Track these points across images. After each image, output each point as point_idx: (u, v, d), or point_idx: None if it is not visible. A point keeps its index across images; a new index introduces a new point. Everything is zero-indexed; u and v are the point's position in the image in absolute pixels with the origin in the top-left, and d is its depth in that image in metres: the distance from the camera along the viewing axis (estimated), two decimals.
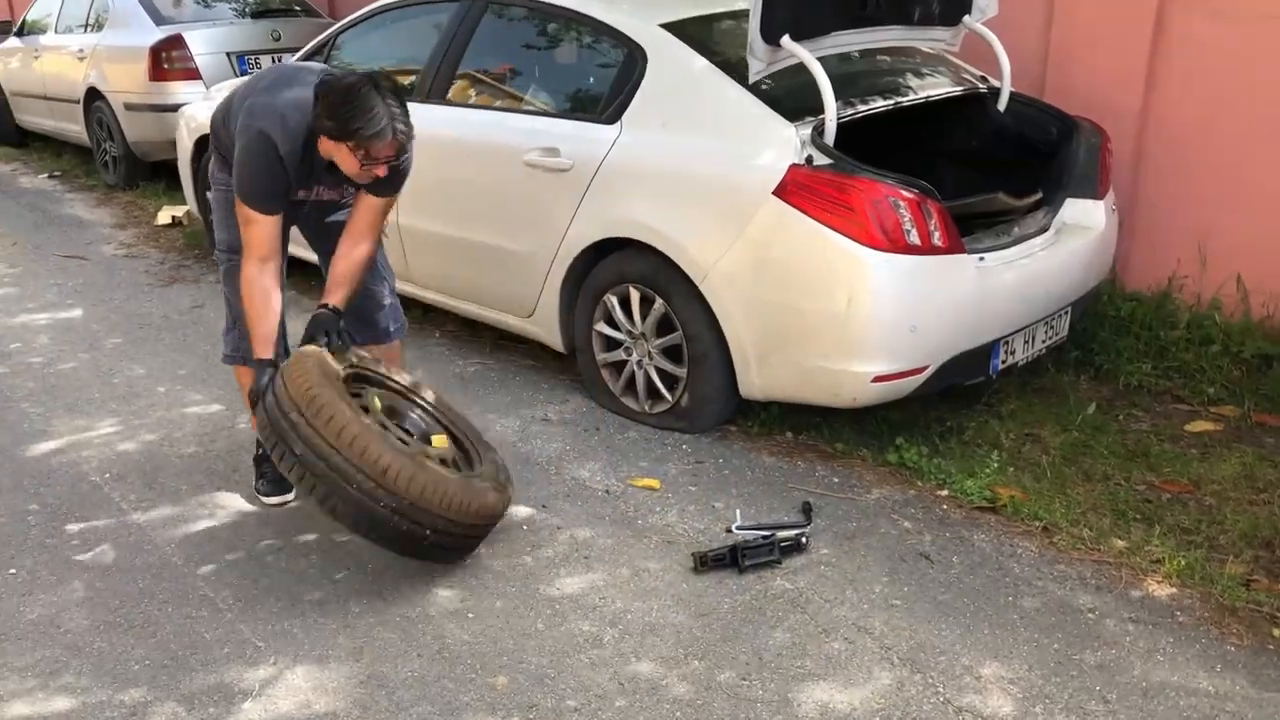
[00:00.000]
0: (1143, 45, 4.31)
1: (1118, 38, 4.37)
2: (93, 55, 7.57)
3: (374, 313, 3.24)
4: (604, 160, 3.62)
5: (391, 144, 2.66)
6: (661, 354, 3.65)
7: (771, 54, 3.37)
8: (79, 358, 4.43)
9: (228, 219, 3.03)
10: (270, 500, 3.24)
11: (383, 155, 2.68)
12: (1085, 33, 4.48)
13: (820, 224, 3.15)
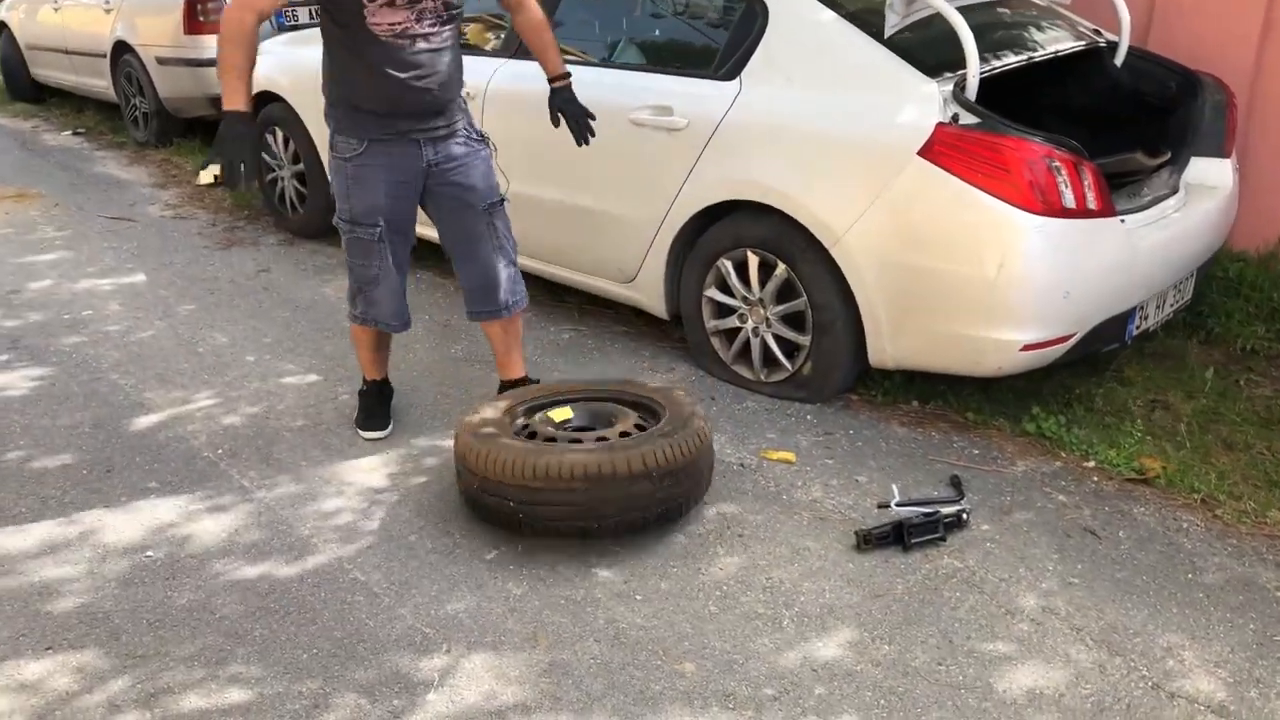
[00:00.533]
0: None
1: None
2: (121, 7, 7.30)
3: (492, 286, 3.19)
4: (723, 119, 3.47)
5: None
6: (781, 321, 3.52)
7: (908, 6, 3.23)
8: (155, 325, 4.28)
9: (347, 189, 3.02)
10: (369, 435, 3.35)
11: None
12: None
13: (971, 185, 3.02)
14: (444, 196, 3.08)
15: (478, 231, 3.12)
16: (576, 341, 4.10)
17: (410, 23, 2.84)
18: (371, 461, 3.21)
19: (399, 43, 2.85)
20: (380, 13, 2.80)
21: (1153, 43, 4.41)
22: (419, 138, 2.98)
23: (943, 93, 3.14)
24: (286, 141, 5.24)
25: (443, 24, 2.92)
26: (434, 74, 2.92)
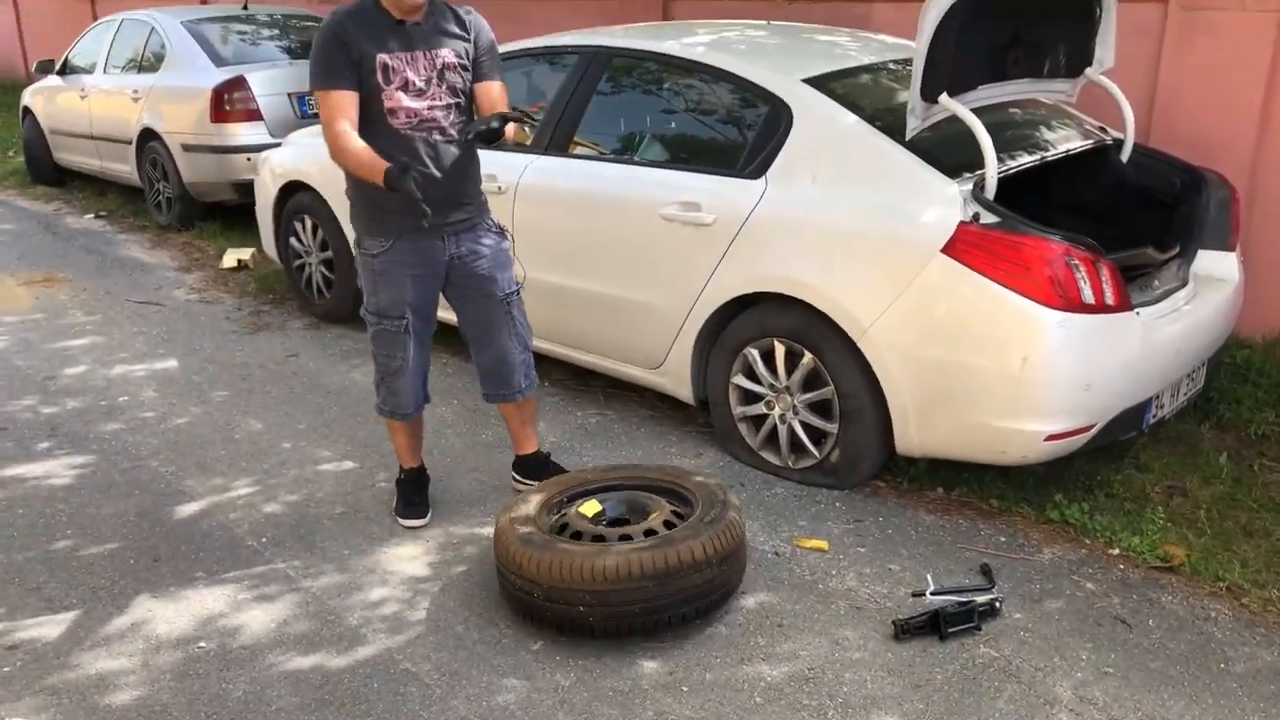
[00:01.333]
0: (1257, 88, 4.35)
1: (1229, 81, 4.42)
2: (149, 96, 7.52)
3: (508, 371, 3.38)
4: (750, 215, 3.62)
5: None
6: (808, 408, 3.63)
7: (928, 110, 3.39)
8: (191, 412, 4.37)
9: (374, 284, 3.19)
10: (408, 523, 3.42)
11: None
12: (1194, 77, 4.53)
13: (993, 282, 3.15)
14: (465, 287, 3.24)
15: (496, 320, 3.29)
16: (603, 426, 4.20)
17: (425, 113, 3.01)
18: (412, 550, 3.28)
19: (418, 135, 3.01)
20: (396, 98, 2.97)
21: (1155, 139, 4.60)
22: (442, 233, 3.12)
23: (963, 192, 3.29)
24: (315, 229, 5.38)
25: (456, 113, 3.08)
26: (453, 166, 3.08)
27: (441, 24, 3.07)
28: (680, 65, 4.03)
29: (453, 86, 3.06)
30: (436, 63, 3.02)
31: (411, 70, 2.98)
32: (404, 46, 2.99)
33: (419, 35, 3.01)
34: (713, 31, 4.40)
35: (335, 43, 2.92)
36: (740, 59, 3.90)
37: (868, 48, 4.26)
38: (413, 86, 2.99)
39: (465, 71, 3.08)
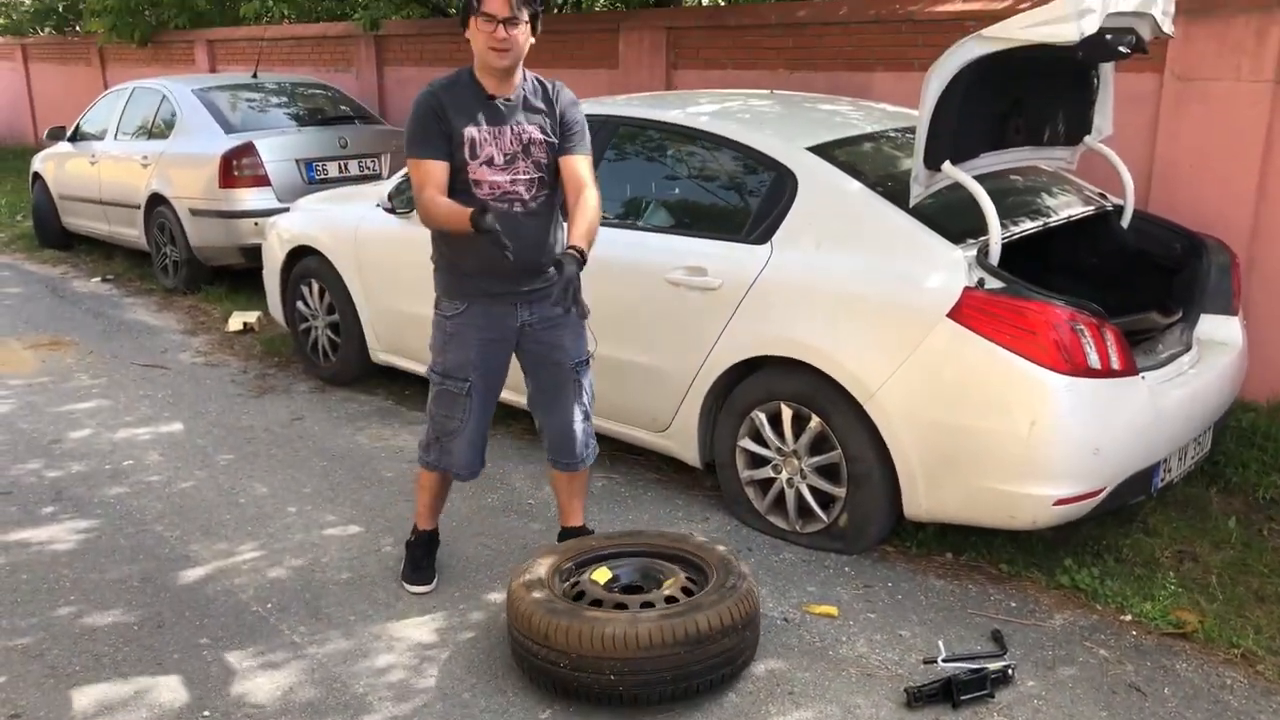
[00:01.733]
0: (1253, 157, 4.42)
1: (1226, 150, 4.49)
2: (158, 161, 7.62)
3: (571, 440, 3.37)
4: (756, 279, 3.65)
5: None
6: (815, 472, 3.62)
7: (931, 178, 3.44)
8: (195, 475, 4.36)
9: (443, 345, 3.24)
10: (415, 589, 3.40)
11: (494, 8, 2.92)
12: (1191, 145, 4.61)
13: (999, 346, 3.17)
14: (535, 354, 3.27)
15: (564, 388, 3.30)
16: (610, 489, 4.19)
17: (509, 186, 3.08)
18: (419, 616, 3.25)
19: (500, 207, 3.06)
20: (481, 171, 3.05)
21: (1154, 205, 4.66)
22: (516, 300, 3.17)
23: (968, 258, 3.33)
24: (321, 293, 5.42)
25: (540, 187, 3.14)
26: (533, 237, 3.13)
27: (530, 99, 3.13)
28: (686, 133, 4.10)
29: (536, 161, 3.11)
30: (522, 138, 3.08)
31: (497, 145, 3.05)
32: (492, 121, 3.05)
33: (508, 111, 3.08)
34: (716, 100, 4.48)
35: (430, 115, 3.03)
36: (745, 127, 3.97)
37: (869, 116, 4.34)
38: (497, 161, 3.06)
39: (549, 146, 3.13)
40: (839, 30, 5.81)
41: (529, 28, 3.01)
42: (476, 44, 3.00)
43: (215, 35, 11.45)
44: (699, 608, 2.72)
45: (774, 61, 6.14)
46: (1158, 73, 4.65)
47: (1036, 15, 3.11)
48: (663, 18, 6.78)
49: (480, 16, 2.94)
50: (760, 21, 6.17)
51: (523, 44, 3.01)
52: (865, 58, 5.71)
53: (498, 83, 3.05)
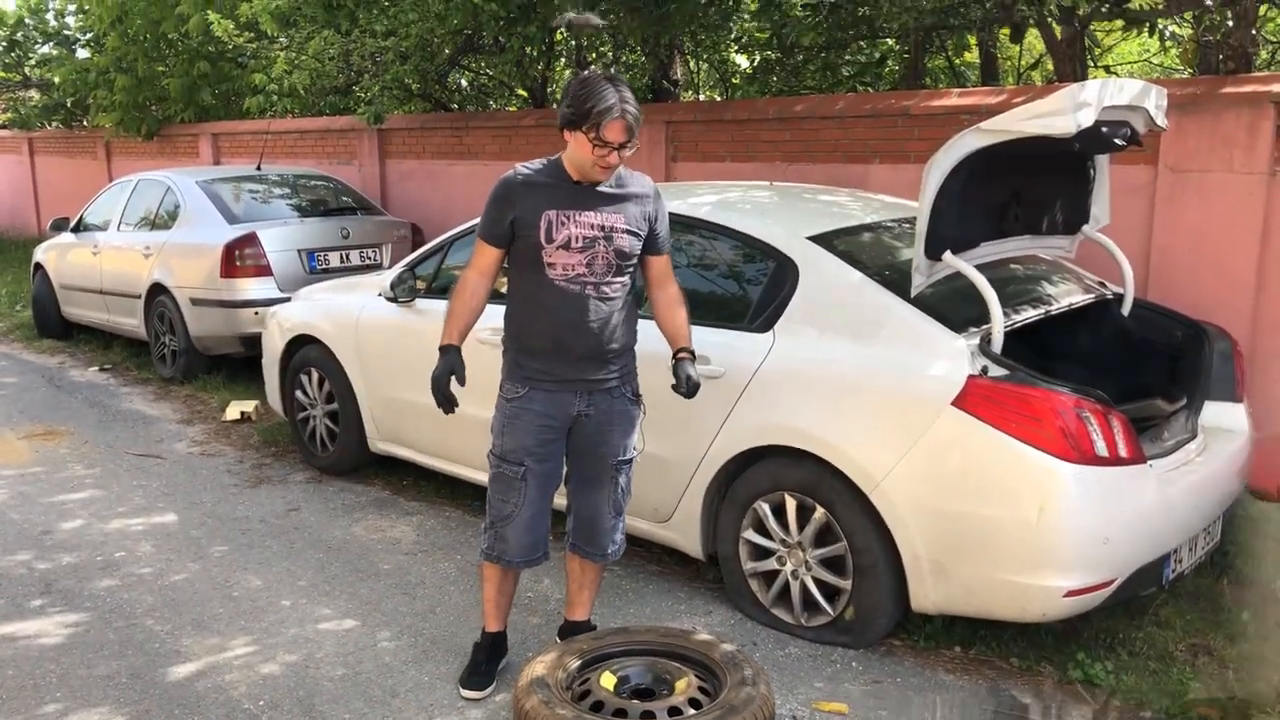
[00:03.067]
0: (1251, 246, 4.46)
1: (1222, 240, 4.53)
2: (160, 252, 7.67)
3: (598, 533, 3.33)
4: (759, 368, 3.64)
5: (620, 123, 2.91)
6: (820, 564, 3.56)
7: (932, 267, 3.45)
8: (189, 568, 4.28)
9: (502, 427, 3.21)
10: (470, 694, 3.26)
11: (612, 136, 2.91)
12: (1187, 235, 4.65)
13: (1006, 435, 3.14)
14: (581, 440, 3.23)
15: (601, 480, 3.27)
16: (610, 582, 4.11)
17: (583, 269, 3.05)
18: (415, 714, 3.15)
19: (572, 289, 3.06)
20: (556, 254, 3.03)
21: (1152, 294, 4.68)
22: (578, 387, 3.15)
23: (970, 346, 3.32)
24: (321, 382, 5.40)
25: (615, 274, 3.11)
26: (601, 324, 3.11)
27: (620, 189, 3.12)
28: (688, 223, 4.12)
29: (618, 249, 3.09)
30: (605, 225, 3.06)
31: (577, 228, 3.03)
32: (574, 204, 3.05)
33: (593, 197, 3.07)
34: (717, 191, 4.53)
35: (501, 201, 3.08)
36: (746, 217, 4.01)
37: (868, 207, 4.39)
38: (574, 244, 3.03)
39: (635, 239, 3.12)
40: (835, 124, 5.92)
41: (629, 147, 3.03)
42: (578, 155, 2.99)
43: (219, 129, 11.66)
44: (734, 709, 2.68)
45: (771, 154, 6.23)
46: (1152, 164, 4.72)
47: (1034, 109, 3.16)
48: (662, 112, 6.91)
49: (595, 142, 2.93)
50: (758, 116, 6.29)
51: (624, 163, 3.07)
52: (862, 150, 5.80)
53: (585, 175, 3.06)
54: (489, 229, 3.11)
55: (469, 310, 3.16)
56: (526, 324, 3.13)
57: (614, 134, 2.91)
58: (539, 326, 3.09)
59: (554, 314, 3.08)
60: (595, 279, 3.07)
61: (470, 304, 3.16)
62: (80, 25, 14.41)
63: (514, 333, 3.18)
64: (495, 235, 3.10)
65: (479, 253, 3.17)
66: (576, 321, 3.07)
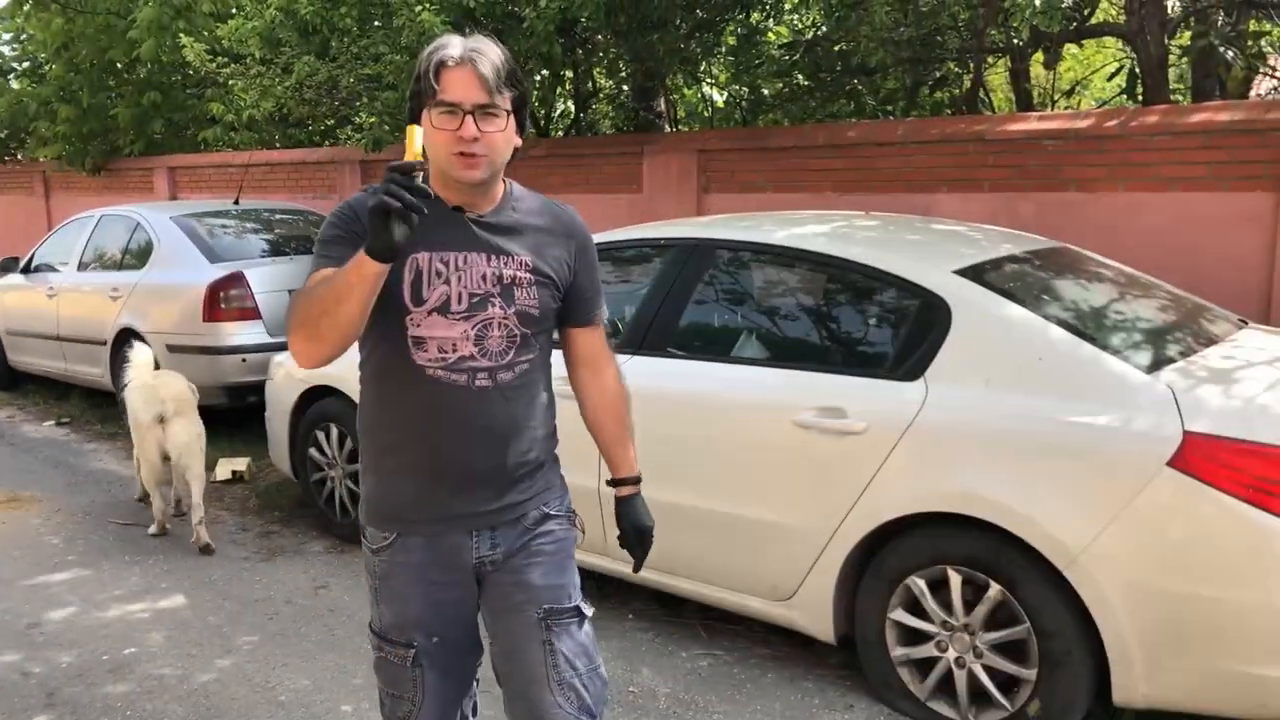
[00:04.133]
0: None
1: None
2: (130, 294, 6.95)
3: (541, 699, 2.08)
4: (914, 422, 3.14)
5: (465, 72, 1.87)
6: (994, 650, 3.06)
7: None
8: (217, 666, 3.62)
9: (374, 594, 2.14)
10: None
11: (456, 92, 1.86)
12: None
13: (1241, 501, 2.69)
14: (493, 598, 2.10)
15: (530, 652, 2.06)
16: (718, 669, 3.56)
17: (469, 347, 1.97)
18: None
19: (453, 381, 1.97)
20: (429, 324, 1.95)
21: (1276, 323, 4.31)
22: (471, 524, 2.04)
23: (1172, 390, 2.87)
24: (342, 439, 4.78)
25: (520, 351, 2.02)
26: (503, 432, 2.02)
27: (522, 218, 2.04)
28: (798, 257, 3.64)
29: (522, 311, 2.00)
30: (503, 274, 1.99)
31: (461, 281, 1.96)
32: (456, 245, 1.97)
33: (483, 231, 1.99)
34: (820, 221, 4.05)
35: (344, 224, 1.97)
36: (877, 250, 3.53)
37: (990, 237, 3.94)
38: (455, 306, 1.96)
39: (549, 293, 2.05)
40: (895, 151, 5.51)
41: (512, 122, 1.94)
42: (433, 147, 1.91)
43: (177, 161, 10.91)
44: None
45: (820, 184, 5.80)
46: (1273, 191, 4.36)
47: None
48: (694, 140, 6.44)
49: (437, 108, 1.89)
50: (805, 143, 5.85)
51: (503, 147, 1.93)
52: (926, 179, 5.39)
53: (467, 195, 1.98)
54: (325, 253, 1.95)
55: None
56: (386, 436, 2.03)
57: (457, 88, 1.87)
58: (406, 441, 2.01)
59: (427, 422, 1.99)
60: (489, 363, 1.98)
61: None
62: (16, 54, 13.52)
63: (370, 448, 2.08)
64: (334, 257, 1.91)
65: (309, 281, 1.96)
66: (462, 433, 1.99)
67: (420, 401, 1.98)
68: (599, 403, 2.24)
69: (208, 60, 7.99)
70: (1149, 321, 3.43)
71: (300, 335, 1.87)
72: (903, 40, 6.05)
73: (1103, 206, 4.82)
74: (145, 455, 4.95)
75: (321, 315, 1.82)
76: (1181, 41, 6.45)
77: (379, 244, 1.72)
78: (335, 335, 1.83)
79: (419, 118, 1.92)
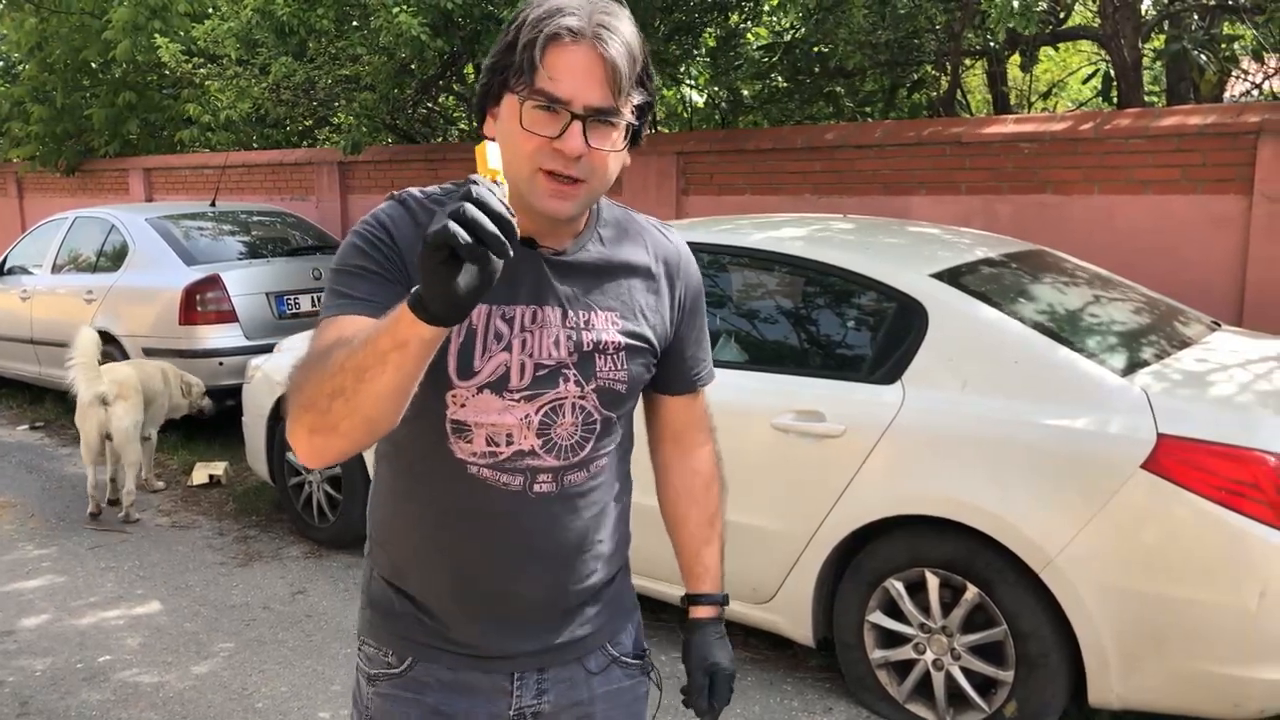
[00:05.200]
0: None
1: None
2: (105, 296, 6.90)
3: None
4: (891, 425, 3.15)
5: (586, 51, 1.29)
6: (971, 652, 3.08)
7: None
8: (193, 673, 3.59)
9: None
10: None
11: (566, 78, 1.28)
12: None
13: (1214, 503, 2.71)
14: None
15: None
16: None
17: (528, 436, 1.41)
18: None
19: (504, 482, 1.42)
20: (477, 405, 1.39)
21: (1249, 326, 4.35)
22: (515, 665, 1.51)
23: (1147, 392, 2.89)
24: None
25: (597, 441, 1.47)
26: (567, 549, 1.49)
27: (611, 253, 1.48)
28: (779, 261, 3.64)
29: (606, 389, 1.45)
30: (584, 337, 1.43)
31: (526, 347, 1.40)
32: (525, 295, 1.41)
33: (559, 277, 1.43)
34: (798, 224, 4.06)
35: (377, 239, 1.37)
36: (852, 253, 3.54)
37: (964, 240, 3.96)
38: (516, 381, 1.40)
39: (643, 361, 1.50)
40: (873, 153, 5.52)
41: (628, 138, 1.38)
42: (513, 155, 1.31)
43: (152, 163, 10.82)
44: None
45: (799, 186, 5.81)
46: (1244, 194, 4.41)
47: None
48: (674, 142, 6.45)
49: (534, 99, 1.30)
50: (784, 145, 5.86)
51: (611, 171, 1.37)
52: (904, 181, 5.41)
53: (544, 224, 1.40)
54: (349, 291, 1.35)
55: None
56: (403, 544, 1.51)
57: (570, 79, 1.29)
58: (432, 557, 1.48)
59: (465, 537, 1.45)
60: (556, 461, 1.44)
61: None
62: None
63: (381, 545, 1.55)
64: (364, 298, 1.33)
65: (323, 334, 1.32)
66: (513, 556, 1.46)
67: (457, 508, 1.43)
68: (684, 489, 1.68)
69: (183, 61, 7.93)
70: (1124, 324, 3.46)
71: (304, 422, 1.22)
72: (880, 43, 6.10)
73: (1078, 209, 4.86)
74: (84, 433, 5.18)
75: (335, 395, 1.18)
76: (1156, 45, 6.52)
77: (439, 296, 1.08)
78: (356, 425, 1.19)
79: (491, 106, 1.37)
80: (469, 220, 1.05)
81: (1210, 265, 4.44)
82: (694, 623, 1.69)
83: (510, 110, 1.33)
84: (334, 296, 1.36)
